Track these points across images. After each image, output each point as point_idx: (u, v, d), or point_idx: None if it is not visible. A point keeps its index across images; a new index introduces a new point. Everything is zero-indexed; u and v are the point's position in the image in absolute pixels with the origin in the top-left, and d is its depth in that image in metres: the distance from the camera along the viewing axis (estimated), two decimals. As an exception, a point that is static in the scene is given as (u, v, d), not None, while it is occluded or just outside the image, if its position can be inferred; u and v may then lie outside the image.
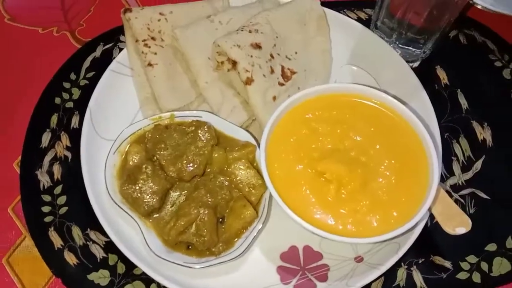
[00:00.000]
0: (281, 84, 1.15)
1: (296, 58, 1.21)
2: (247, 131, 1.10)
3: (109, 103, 1.17)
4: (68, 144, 1.19)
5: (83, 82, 1.28)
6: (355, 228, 0.91)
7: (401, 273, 1.03)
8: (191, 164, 1.01)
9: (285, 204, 0.91)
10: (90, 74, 1.29)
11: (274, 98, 1.12)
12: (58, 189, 1.12)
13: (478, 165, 1.16)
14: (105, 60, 1.28)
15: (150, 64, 1.16)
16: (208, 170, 1.04)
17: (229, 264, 0.98)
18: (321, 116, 1.02)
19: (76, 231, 1.07)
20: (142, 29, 1.18)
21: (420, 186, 0.93)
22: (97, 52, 1.34)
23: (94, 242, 1.06)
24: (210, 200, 0.98)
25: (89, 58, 1.33)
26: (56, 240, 1.06)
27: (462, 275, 1.03)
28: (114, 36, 1.37)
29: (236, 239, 0.99)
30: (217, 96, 1.15)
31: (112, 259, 1.04)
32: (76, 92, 1.27)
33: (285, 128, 1.01)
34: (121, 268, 1.03)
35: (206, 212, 0.96)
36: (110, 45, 1.35)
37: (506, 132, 1.20)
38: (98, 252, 1.05)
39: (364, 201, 0.92)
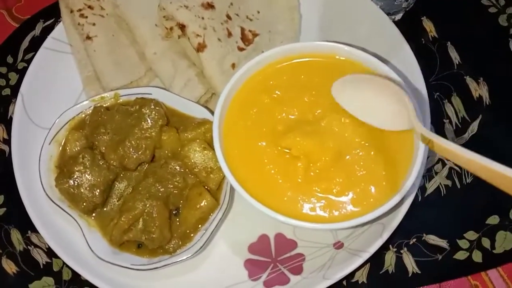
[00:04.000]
0: (241, 49, 0.99)
1: (259, 18, 1.05)
2: (205, 107, 0.95)
3: (46, 86, 1.02)
4: (5, 137, 1.04)
5: (21, 65, 1.14)
6: (329, 212, 0.76)
7: (390, 258, 0.90)
8: (135, 150, 0.86)
9: (246, 189, 0.76)
10: (29, 56, 1.14)
11: (234, 65, 0.97)
12: (-7, 188, 0.98)
13: (474, 126, 1.02)
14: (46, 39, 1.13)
15: (88, 37, 1.01)
16: (159, 155, 0.89)
17: (188, 263, 0.84)
18: (286, 82, 0.87)
19: (15, 235, 0.94)
20: (76, -4, 1.02)
21: (404, 156, 0.79)
22: (37, 31, 1.18)
23: (36, 246, 0.93)
24: (160, 190, 0.84)
25: (28, 38, 1.17)
26: (-8, 247, 0.93)
27: (460, 255, 0.90)
28: (56, 12, 1.20)
29: (194, 233, 0.85)
30: (168, 68, 1.00)
31: (57, 264, 0.91)
32: (13, 77, 1.12)
33: (243, 99, 0.86)
34: (67, 274, 0.90)
35: (154, 205, 0.82)
36: (51, 21, 1.19)
37: (505, 87, 1.05)
38: (41, 257, 0.92)
39: (338, 179, 0.77)
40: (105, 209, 0.87)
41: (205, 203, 0.83)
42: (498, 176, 0.59)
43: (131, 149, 0.86)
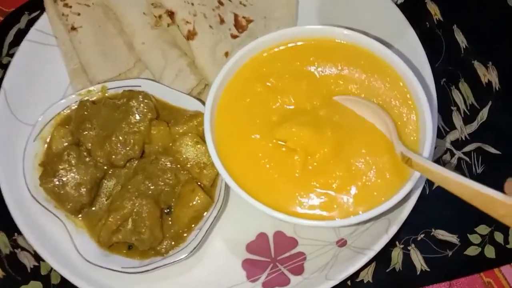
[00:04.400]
0: (235, 36, 0.94)
1: (253, 4, 0.99)
2: (198, 99, 0.90)
3: (31, 81, 0.97)
4: (-10, 135, 0.99)
5: (6, 60, 1.08)
6: (330, 208, 0.71)
7: (396, 255, 0.85)
8: (123, 145, 0.81)
9: (241, 185, 0.71)
10: (14, 50, 1.08)
11: (227, 54, 0.92)
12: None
13: (483, 114, 0.97)
14: (32, 31, 1.07)
15: (73, 28, 0.96)
16: (149, 150, 0.84)
17: (182, 264, 0.79)
18: (281, 69, 0.81)
19: (1, 238, 0.90)
20: (59, -15, 0.96)
21: (410, 145, 0.73)
22: (22, 23, 1.13)
23: (23, 249, 0.88)
24: (150, 187, 0.79)
25: (13, 32, 1.12)
26: (-23, 251, 0.88)
27: (472, 251, 0.85)
28: (42, 3, 1.14)
29: (187, 232, 0.80)
30: (158, 59, 0.94)
31: (45, 267, 0.86)
32: (-2, 72, 1.07)
33: (236, 88, 0.80)
34: (55, 278, 0.85)
35: (144, 203, 0.77)
36: (37, 13, 1.13)
37: None
38: (29, 261, 0.87)
39: (338, 172, 0.72)
40: (93, 208, 0.82)
41: (199, 201, 0.78)
42: (477, 195, 0.56)
43: (118, 145, 0.81)
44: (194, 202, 0.78)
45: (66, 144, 0.85)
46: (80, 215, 0.82)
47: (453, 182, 0.59)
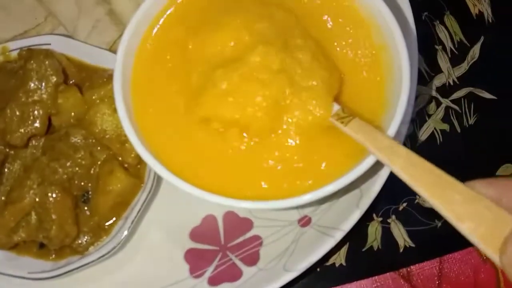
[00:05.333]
0: (164, -27, 0.75)
1: None
2: (123, 55, 0.72)
3: None
4: None
5: None
6: (287, 184, 0.55)
7: (374, 230, 0.70)
8: (20, 120, 0.64)
9: (167, 166, 0.54)
10: None
11: (154, -4, 0.73)
12: None
13: (474, 52, 0.81)
14: None
15: (-41, -24, 0.76)
16: (59, 123, 0.67)
17: (111, 261, 0.64)
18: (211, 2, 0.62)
19: None
20: None
21: (380, 96, 0.57)
22: None
23: None
24: (58, 170, 0.63)
25: None
26: None
27: None
28: None
29: (112, 223, 0.64)
30: (70, 8, 0.76)
31: None
32: None
33: (157, 36, 0.62)
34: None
35: (48, 192, 0.60)
36: None
37: None
38: None
39: (289, 140, 0.55)
40: (-9, 200, 0.66)
41: (119, 185, 0.62)
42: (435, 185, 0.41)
43: (14, 120, 0.63)
44: (114, 186, 0.62)
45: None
46: (-25, 210, 0.66)
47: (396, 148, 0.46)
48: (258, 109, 0.52)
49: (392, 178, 0.63)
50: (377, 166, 0.57)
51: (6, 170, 0.67)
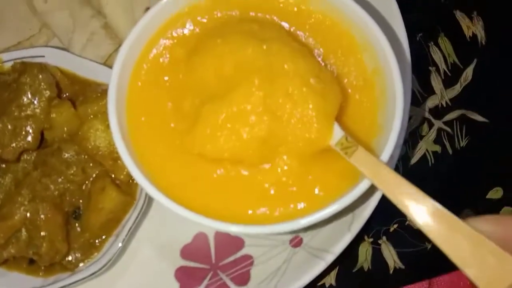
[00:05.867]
0: (160, -11, 0.75)
1: None
2: (117, 69, 0.72)
3: None
4: None
5: None
6: (280, 208, 0.55)
7: (365, 251, 0.71)
8: (12, 135, 0.63)
9: (158, 185, 0.54)
10: None
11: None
12: None
13: (467, 74, 0.81)
14: None
15: (-46, -15, 0.75)
16: (51, 138, 0.67)
17: (102, 278, 0.64)
18: (212, 23, 0.62)
19: None
20: None
21: (373, 119, 0.57)
22: None
23: None
24: (49, 186, 0.62)
25: None
26: None
27: None
28: None
29: (104, 240, 0.64)
30: (65, 20, 0.76)
31: None
32: None
33: (155, 54, 0.62)
34: None
35: (39, 208, 0.60)
36: None
37: (504, 23, 0.85)
38: None
39: (283, 165, 0.55)
40: (-19, 214, 0.65)
41: (111, 202, 0.62)
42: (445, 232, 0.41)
43: (6, 134, 0.63)
44: (106, 204, 0.62)
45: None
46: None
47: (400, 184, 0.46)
48: (248, 147, 0.52)
49: (384, 199, 0.64)
50: (370, 189, 0.58)
51: (-3, 183, 0.67)
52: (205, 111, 0.53)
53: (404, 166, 0.75)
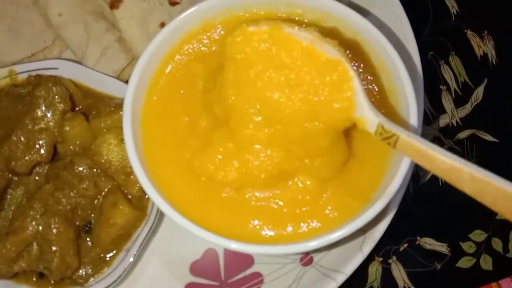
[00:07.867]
0: (174, 3, 0.76)
1: (198, -37, 0.80)
2: (130, 83, 0.72)
3: None
4: None
5: None
6: (292, 229, 0.55)
7: (374, 270, 0.71)
8: (26, 148, 0.64)
9: (171, 202, 0.54)
10: None
11: (163, 25, 0.73)
12: None
13: (478, 93, 0.81)
14: None
15: (-30, -3, 0.76)
16: (64, 151, 0.67)
17: (109, 293, 0.63)
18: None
19: None
20: None
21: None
22: None
23: None
24: (61, 200, 0.63)
25: None
26: None
27: (465, 262, 0.72)
28: None
29: (115, 255, 0.64)
30: (79, 33, 0.76)
31: None
32: None
33: (172, 70, 0.62)
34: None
35: (51, 223, 0.60)
36: None
37: None
38: None
39: (300, 177, 0.56)
40: (-7, 225, 0.65)
41: (122, 217, 0.62)
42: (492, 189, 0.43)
43: (19, 147, 0.63)
44: (118, 220, 0.62)
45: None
46: (-27, 236, 0.65)
47: (463, 173, 0.45)
48: (259, 180, 0.53)
49: (395, 218, 0.64)
50: (382, 211, 0.58)
51: (8, 196, 0.67)
52: (217, 138, 0.54)
53: (414, 185, 0.75)
